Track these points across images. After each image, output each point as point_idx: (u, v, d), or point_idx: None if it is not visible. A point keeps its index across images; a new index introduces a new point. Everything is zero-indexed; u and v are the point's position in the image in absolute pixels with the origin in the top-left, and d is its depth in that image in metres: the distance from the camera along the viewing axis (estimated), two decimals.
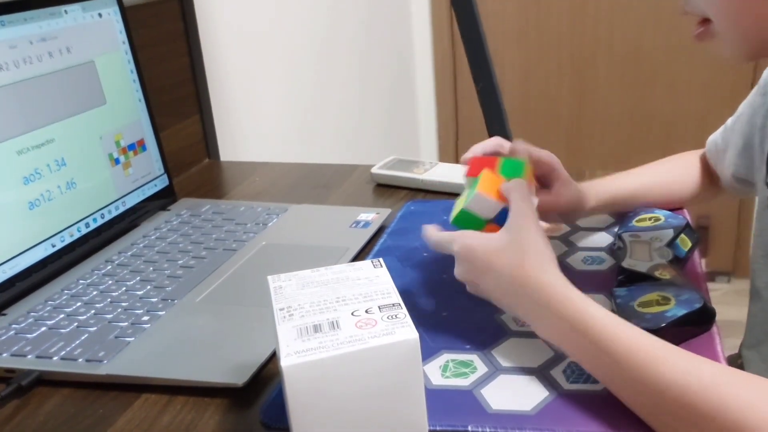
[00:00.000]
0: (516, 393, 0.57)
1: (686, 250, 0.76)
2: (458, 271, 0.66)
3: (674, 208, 0.88)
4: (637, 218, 0.81)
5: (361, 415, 0.50)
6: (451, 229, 0.69)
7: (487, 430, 0.54)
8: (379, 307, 0.53)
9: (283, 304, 0.54)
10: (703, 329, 0.64)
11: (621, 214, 0.86)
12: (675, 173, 0.91)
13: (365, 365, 0.49)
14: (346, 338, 0.49)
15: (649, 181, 0.88)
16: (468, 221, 0.68)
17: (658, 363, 0.52)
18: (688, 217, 0.86)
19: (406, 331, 0.50)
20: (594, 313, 0.56)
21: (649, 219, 0.80)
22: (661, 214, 0.81)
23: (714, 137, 0.90)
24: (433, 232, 0.69)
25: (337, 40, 1.84)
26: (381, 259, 0.59)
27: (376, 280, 0.56)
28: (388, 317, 0.51)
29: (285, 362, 0.47)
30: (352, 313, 0.52)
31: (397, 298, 0.54)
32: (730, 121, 0.87)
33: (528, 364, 0.61)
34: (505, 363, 0.61)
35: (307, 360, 0.47)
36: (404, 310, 0.53)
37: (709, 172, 0.91)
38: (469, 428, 0.54)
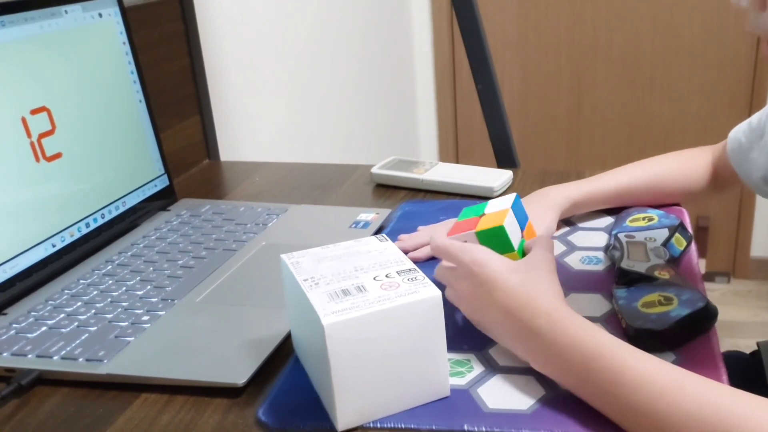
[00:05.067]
0: (512, 392, 0.58)
1: (681, 249, 0.76)
2: (460, 286, 0.63)
3: (673, 203, 0.88)
4: (630, 218, 0.82)
5: (391, 371, 0.54)
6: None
7: (483, 429, 0.54)
8: (397, 272, 0.57)
9: (306, 276, 0.57)
10: (706, 329, 0.63)
11: (617, 214, 0.86)
12: (679, 167, 0.89)
13: (395, 322, 0.53)
14: (375, 298, 0.53)
15: (652, 173, 0.87)
16: (496, 240, 0.65)
17: (676, 392, 0.50)
18: (686, 217, 0.86)
19: (428, 289, 0.55)
20: (608, 342, 0.54)
21: (643, 219, 0.81)
22: (655, 214, 0.81)
23: (736, 135, 0.85)
24: (441, 237, 0.66)
25: (338, 41, 1.84)
26: (384, 234, 0.62)
27: (385, 251, 0.61)
28: (408, 279, 0.56)
29: (326, 321, 0.51)
30: (374, 278, 0.56)
31: (411, 264, 0.58)
32: (755, 119, 0.83)
33: (524, 364, 0.61)
34: (501, 362, 0.62)
35: (346, 318, 0.52)
36: (421, 273, 0.57)
37: (713, 170, 0.88)
38: (465, 427, 0.54)
